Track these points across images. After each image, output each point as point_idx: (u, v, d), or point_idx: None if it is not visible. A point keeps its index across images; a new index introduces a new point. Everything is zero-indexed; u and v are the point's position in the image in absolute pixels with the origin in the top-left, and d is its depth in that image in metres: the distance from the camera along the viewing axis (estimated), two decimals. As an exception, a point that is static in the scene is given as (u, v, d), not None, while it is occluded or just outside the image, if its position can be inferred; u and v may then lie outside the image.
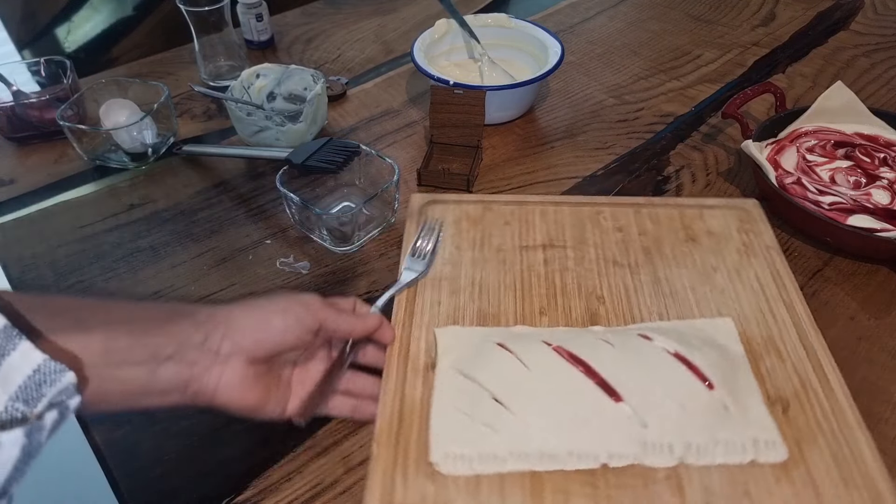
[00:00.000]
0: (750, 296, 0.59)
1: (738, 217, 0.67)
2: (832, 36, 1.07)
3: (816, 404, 0.51)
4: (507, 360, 0.51)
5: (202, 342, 0.45)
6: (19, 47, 1.59)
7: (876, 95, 0.93)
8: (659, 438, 0.47)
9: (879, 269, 0.68)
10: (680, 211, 0.67)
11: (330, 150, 0.72)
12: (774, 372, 0.53)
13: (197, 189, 0.80)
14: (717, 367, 0.51)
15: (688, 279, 0.61)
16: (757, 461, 0.47)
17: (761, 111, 0.89)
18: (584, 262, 0.62)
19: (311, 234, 0.72)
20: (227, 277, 0.69)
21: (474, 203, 0.67)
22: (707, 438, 0.47)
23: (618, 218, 0.66)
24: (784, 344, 0.55)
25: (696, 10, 1.15)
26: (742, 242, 0.64)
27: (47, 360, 0.33)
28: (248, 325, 0.47)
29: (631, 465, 0.46)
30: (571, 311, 0.58)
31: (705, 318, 0.57)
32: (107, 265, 0.70)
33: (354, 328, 0.51)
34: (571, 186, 0.79)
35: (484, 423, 0.48)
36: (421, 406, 0.50)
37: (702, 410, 0.48)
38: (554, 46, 0.90)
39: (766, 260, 0.63)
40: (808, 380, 0.53)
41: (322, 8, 1.18)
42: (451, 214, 0.66)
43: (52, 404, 0.32)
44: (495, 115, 0.87)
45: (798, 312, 0.58)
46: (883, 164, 0.74)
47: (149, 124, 0.82)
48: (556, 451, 0.47)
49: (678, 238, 0.65)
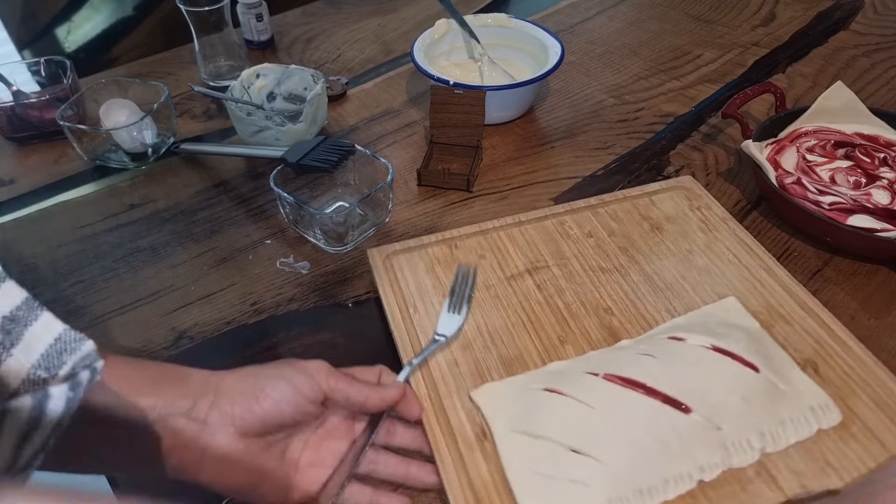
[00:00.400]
0: (733, 270, 0.62)
1: (685, 196, 0.71)
2: (832, 36, 1.07)
3: (838, 358, 0.54)
4: (565, 404, 0.49)
5: (189, 409, 0.40)
6: (19, 47, 1.58)
7: (876, 95, 0.93)
8: (736, 437, 0.48)
9: (879, 269, 0.68)
10: (632, 203, 0.70)
11: (325, 150, 0.72)
12: (790, 337, 0.56)
13: (197, 189, 0.80)
14: (751, 349, 0.52)
15: (674, 268, 0.62)
16: (822, 428, 0.49)
17: (761, 111, 0.89)
18: (575, 277, 0.62)
19: (306, 233, 0.72)
20: (227, 277, 0.69)
21: (437, 244, 0.65)
22: (775, 423, 0.49)
23: (582, 224, 0.67)
24: (783, 308, 0.58)
25: (696, 10, 1.15)
26: (700, 220, 0.68)
27: (67, 330, 0.33)
28: (239, 392, 0.42)
29: (722, 473, 0.46)
30: (590, 332, 0.57)
31: (706, 302, 0.59)
32: (107, 265, 0.70)
33: (368, 399, 0.45)
34: (571, 186, 0.79)
35: (571, 480, 0.45)
36: (494, 482, 0.46)
37: (760, 397, 0.49)
38: (554, 46, 0.90)
39: (728, 231, 0.66)
40: (820, 337, 0.56)
41: (322, 8, 1.18)
42: (420, 264, 0.63)
43: (75, 370, 0.33)
44: (495, 115, 0.87)
45: (779, 275, 0.61)
46: (883, 164, 0.74)
47: (149, 124, 0.82)
48: (652, 484, 0.45)
49: (644, 230, 0.67)
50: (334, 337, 0.63)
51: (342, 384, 0.45)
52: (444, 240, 0.66)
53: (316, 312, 0.65)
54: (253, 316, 0.65)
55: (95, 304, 0.66)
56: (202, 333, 0.63)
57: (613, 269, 0.63)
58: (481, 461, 0.47)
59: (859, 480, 0.46)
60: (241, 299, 0.66)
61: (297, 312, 0.65)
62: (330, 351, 0.61)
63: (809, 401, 0.50)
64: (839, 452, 0.48)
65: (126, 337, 0.63)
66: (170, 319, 0.65)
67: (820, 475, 0.46)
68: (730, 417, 0.48)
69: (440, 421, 0.50)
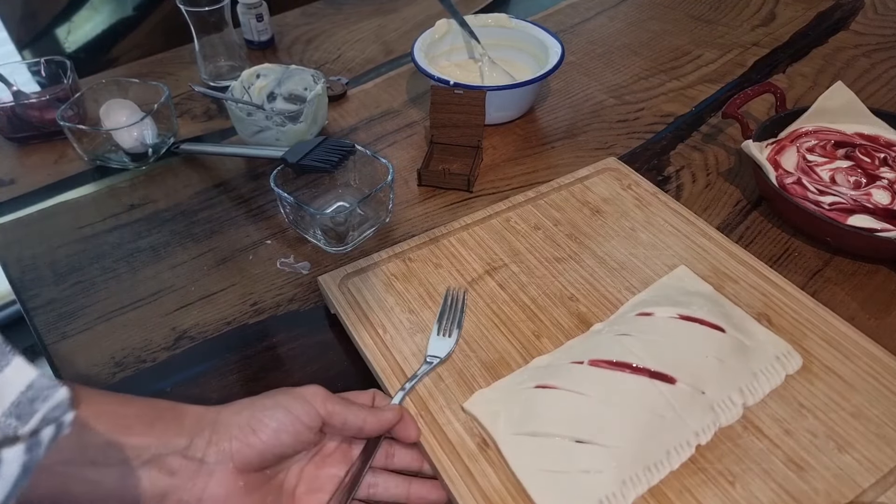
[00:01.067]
0: (675, 240, 0.66)
1: (614, 177, 0.74)
2: (832, 36, 1.07)
3: (785, 307, 0.59)
4: (559, 397, 0.49)
5: (185, 448, 0.39)
6: (19, 47, 1.58)
7: (876, 95, 0.93)
8: (719, 397, 0.51)
9: (879, 269, 0.68)
10: (568, 190, 0.72)
11: (325, 150, 0.72)
12: (739, 294, 0.60)
13: (197, 189, 0.80)
14: (714, 311, 0.55)
15: (622, 247, 0.65)
16: (789, 374, 0.53)
17: (761, 111, 0.89)
18: (534, 271, 0.63)
19: (306, 234, 0.72)
20: (227, 277, 0.69)
21: (390, 259, 0.64)
22: (749, 377, 0.52)
23: (527, 218, 0.69)
24: (727, 268, 0.62)
25: (696, 10, 1.15)
26: (634, 197, 0.71)
27: (40, 376, 0.31)
28: (237, 426, 0.41)
29: (715, 434, 0.49)
30: (561, 322, 0.58)
31: (659, 275, 0.62)
32: (107, 265, 0.70)
33: (366, 423, 0.45)
34: (571, 186, 0.79)
35: (582, 471, 0.46)
36: (507, 488, 0.46)
37: (731, 355, 0.53)
38: (554, 46, 0.90)
39: (661, 204, 0.70)
40: (765, 290, 0.60)
41: (322, 8, 1.18)
42: (377, 283, 0.62)
43: (46, 420, 0.31)
44: (495, 115, 0.87)
45: (715, 238, 0.66)
46: (883, 164, 0.74)
47: (149, 124, 0.82)
48: (657, 458, 0.47)
49: (586, 215, 0.69)
50: (334, 337, 0.63)
51: (339, 408, 0.44)
52: (396, 254, 0.65)
53: (316, 312, 0.65)
54: (253, 316, 0.65)
55: (95, 304, 0.66)
56: (202, 333, 0.63)
57: (567, 257, 0.65)
58: (489, 470, 0.47)
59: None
60: (241, 299, 0.66)
61: (297, 312, 0.65)
62: (330, 351, 0.61)
63: (773, 350, 0.54)
64: (808, 392, 0.52)
65: (126, 337, 0.63)
66: (170, 319, 0.65)
67: (798, 417, 0.50)
68: (710, 380, 0.51)
69: (438, 439, 0.49)
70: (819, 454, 0.48)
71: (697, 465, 0.48)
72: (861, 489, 0.46)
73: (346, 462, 0.46)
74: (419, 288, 0.62)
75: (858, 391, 0.52)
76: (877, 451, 0.48)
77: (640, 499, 0.46)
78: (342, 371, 0.60)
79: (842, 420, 0.50)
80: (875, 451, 0.48)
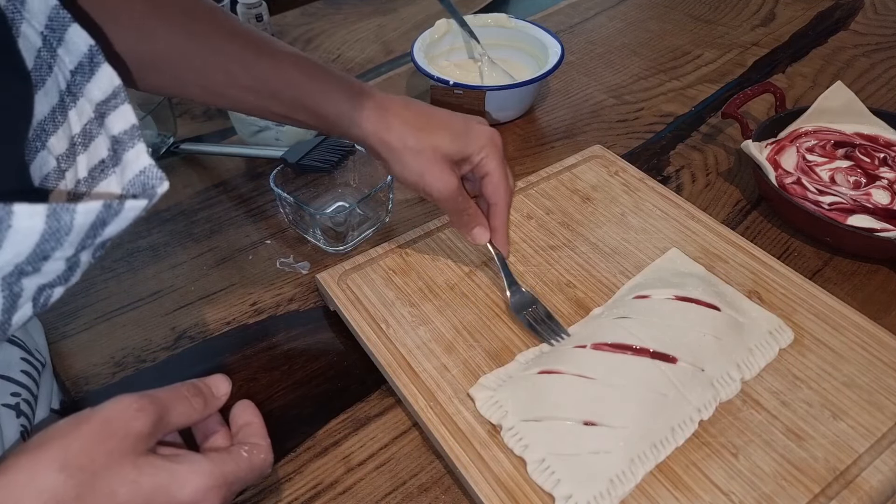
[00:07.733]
0: (664, 223, 0.67)
1: (601, 164, 0.75)
2: (832, 36, 1.07)
3: (774, 283, 0.61)
4: (565, 381, 0.50)
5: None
6: (19, 47, 1.58)
7: (876, 95, 0.93)
8: (718, 373, 0.52)
9: (879, 269, 0.68)
10: (557, 179, 0.73)
11: (324, 150, 0.72)
12: (730, 273, 0.62)
13: (197, 189, 0.80)
14: (708, 291, 0.58)
15: (614, 233, 0.67)
16: (782, 348, 0.55)
17: (761, 111, 0.89)
18: (530, 260, 0.64)
19: (305, 234, 0.72)
20: (227, 277, 0.69)
21: (387, 255, 0.65)
22: (745, 352, 0.54)
23: (519, 208, 0.70)
24: (716, 249, 0.64)
25: (696, 10, 1.15)
26: (621, 183, 0.73)
27: (152, 166, 0.37)
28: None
29: (716, 410, 0.51)
30: (560, 309, 0.59)
31: (652, 258, 0.63)
32: (107, 265, 0.70)
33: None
34: (571, 186, 0.79)
35: (592, 452, 0.47)
36: (520, 472, 0.47)
37: (727, 332, 0.54)
38: (554, 46, 0.90)
39: (648, 189, 0.72)
40: (754, 268, 0.62)
41: (322, 8, 1.18)
42: (376, 278, 0.62)
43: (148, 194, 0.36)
44: (495, 115, 0.87)
45: (703, 219, 0.67)
46: (883, 164, 0.74)
47: (149, 124, 0.82)
48: (662, 436, 0.48)
49: (576, 203, 0.70)
50: (334, 337, 0.63)
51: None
52: (393, 249, 0.65)
53: (315, 312, 0.65)
54: (253, 316, 0.65)
55: (95, 304, 0.66)
56: (202, 333, 0.63)
57: (561, 245, 0.66)
58: (501, 456, 0.48)
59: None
60: (241, 299, 0.66)
61: (297, 312, 0.65)
62: (330, 351, 0.61)
63: (766, 326, 0.56)
64: (801, 365, 0.54)
65: (126, 337, 0.63)
66: (170, 319, 0.65)
67: (793, 388, 0.52)
68: (709, 357, 0.52)
69: (450, 429, 0.50)
70: (816, 423, 0.50)
71: (701, 439, 0.49)
72: (857, 454, 0.48)
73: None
74: (418, 281, 0.62)
75: (849, 361, 0.54)
76: (870, 417, 0.50)
77: (648, 475, 0.47)
78: (342, 371, 0.60)
79: (835, 389, 0.52)
80: (868, 418, 0.50)
